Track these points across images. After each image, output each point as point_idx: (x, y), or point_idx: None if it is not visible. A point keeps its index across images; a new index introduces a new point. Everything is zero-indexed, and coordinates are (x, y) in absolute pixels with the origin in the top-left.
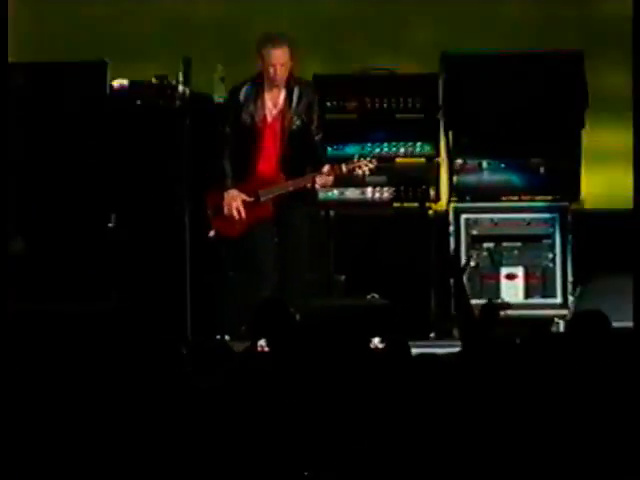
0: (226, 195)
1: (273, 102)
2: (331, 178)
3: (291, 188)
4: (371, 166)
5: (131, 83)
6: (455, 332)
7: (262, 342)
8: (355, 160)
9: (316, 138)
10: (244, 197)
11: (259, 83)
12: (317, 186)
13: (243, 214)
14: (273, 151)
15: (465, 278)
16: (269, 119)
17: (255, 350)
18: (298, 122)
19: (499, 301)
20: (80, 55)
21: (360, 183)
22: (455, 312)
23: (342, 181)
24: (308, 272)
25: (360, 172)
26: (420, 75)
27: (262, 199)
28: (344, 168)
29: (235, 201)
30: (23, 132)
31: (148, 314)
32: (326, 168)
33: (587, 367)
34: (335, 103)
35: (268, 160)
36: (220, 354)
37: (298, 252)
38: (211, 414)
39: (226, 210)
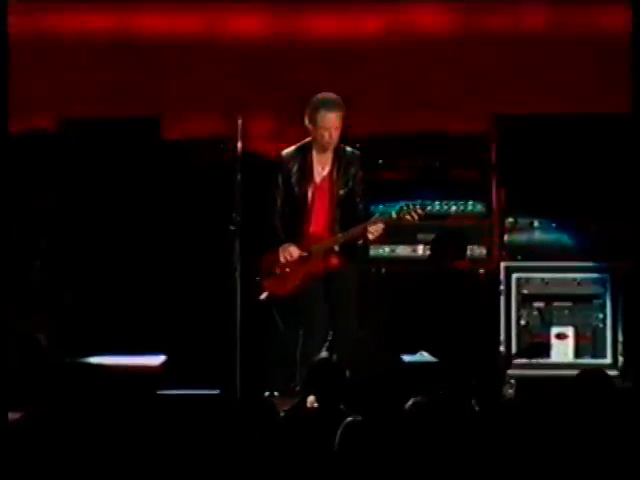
0: (281, 249)
1: (322, 166)
2: (382, 225)
3: (342, 240)
4: (420, 212)
5: (184, 140)
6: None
7: (312, 398)
8: (404, 207)
9: (360, 206)
10: (298, 251)
11: (307, 147)
12: (369, 235)
13: (294, 264)
14: (322, 214)
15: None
16: (318, 182)
17: (304, 406)
18: (345, 188)
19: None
20: (134, 110)
21: (410, 239)
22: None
23: (393, 237)
24: (358, 329)
25: (409, 218)
26: (471, 135)
27: (314, 252)
28: (394, 214)
29: (289, 253)
30: (76, 186)
31: (198, 372)
32: (375, 217)
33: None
34: (387, 162)
35: (317, 222)
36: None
37: (348, 310)
38: (255, 470)
39: (282, 258)
